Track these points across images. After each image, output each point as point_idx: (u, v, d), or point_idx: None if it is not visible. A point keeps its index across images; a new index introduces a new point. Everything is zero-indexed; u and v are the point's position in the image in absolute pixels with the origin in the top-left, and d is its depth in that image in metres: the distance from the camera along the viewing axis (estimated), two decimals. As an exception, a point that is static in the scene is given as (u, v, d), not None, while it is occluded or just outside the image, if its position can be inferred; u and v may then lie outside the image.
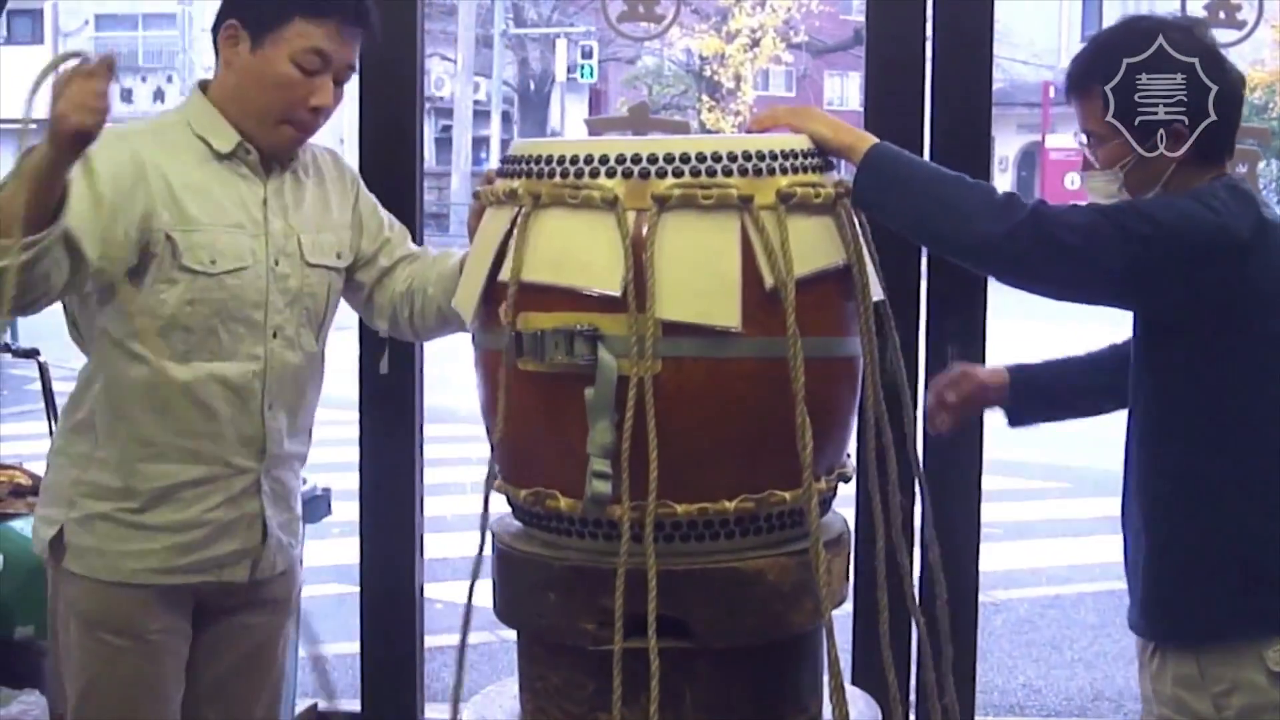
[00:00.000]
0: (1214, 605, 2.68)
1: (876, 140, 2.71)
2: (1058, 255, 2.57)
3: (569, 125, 31.12)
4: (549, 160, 2.66)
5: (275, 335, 2.97)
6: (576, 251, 2.60)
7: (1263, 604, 2.66)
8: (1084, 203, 2.72)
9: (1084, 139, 2.78)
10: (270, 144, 2.97)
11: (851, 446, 2.91)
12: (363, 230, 3.20)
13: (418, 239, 4.35)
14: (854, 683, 3.01)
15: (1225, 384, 2.65)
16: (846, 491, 2.90)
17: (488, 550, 2.85)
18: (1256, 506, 2.67)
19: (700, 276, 2.57)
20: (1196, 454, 2.68)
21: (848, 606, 3.29)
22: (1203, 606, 2.69)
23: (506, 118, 32.16)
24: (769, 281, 2.57)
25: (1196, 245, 2.58)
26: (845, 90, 32.52)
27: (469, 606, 2.85)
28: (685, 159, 2.60)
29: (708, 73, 28.42)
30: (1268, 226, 2.64)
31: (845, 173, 2.82)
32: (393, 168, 4.33)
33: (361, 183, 3.25)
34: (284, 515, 3.09)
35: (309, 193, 3.07)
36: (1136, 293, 2.65)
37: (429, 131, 32.02)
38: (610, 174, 2.60)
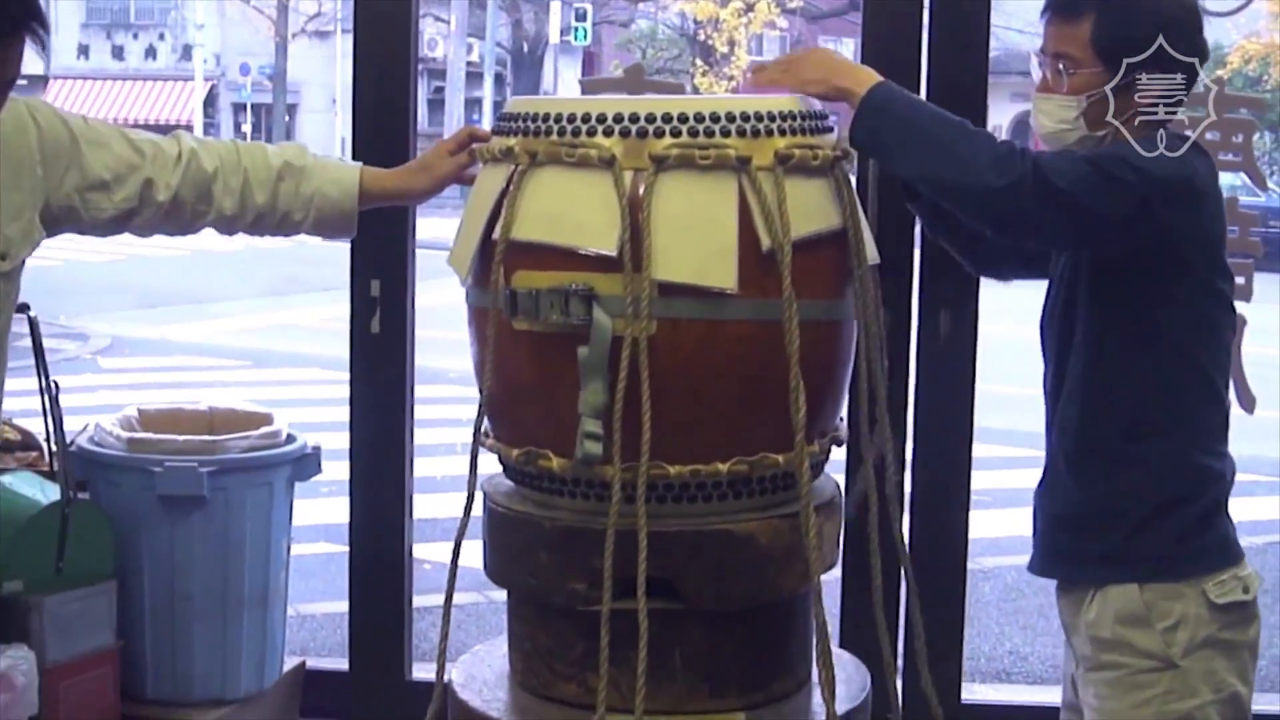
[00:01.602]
0: (1159, 542, 2.71)
1: (877, 80, 2.68)
2: (1057, 208, 2.57)
3: (562, 88, 31.01)
4: (546, 118, 2.65)
5: None
6: (572, 210, 2.59)
7: (1205, 540, 2.73)
8: (1046, 148, 2.77)
9: (1045, 60, 2.75)
10: None
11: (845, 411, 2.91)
12: (105, 187, 2.75)
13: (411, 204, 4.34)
14: (843, 646, 3.02)
15: (1172, 326, 2.69)
16: (839, 455, 2.90)
17: (476, 510, 2.84)
18: (1198, 445, 2.73)
19: (697, 237, 2.56)
20: (1142, 397, 2.71)
21: (837, 571, 3.29)
22: (1148, 544, 2.72)
23: (499, 79, 32.05)
24: (766, 243, 2.56)
25: (1170, 191, 2.60)
26: (841, 56, 32.43)
27: (455, 560, 2.84)
28: (683, 119, 2.58)
29: (701, 37, 28.31)
30: (1215, 173, 2.75)
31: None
32: (386, 129, 4.30)
33: (60, 120, 2.72)
34: None
35: None
36: (1118, 239, 2.64)
37: (421, 92, 31.93)
38: (608, 133, 2.59)
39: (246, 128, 35.59)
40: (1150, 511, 2.72)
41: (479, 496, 2.86)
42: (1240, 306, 3.18)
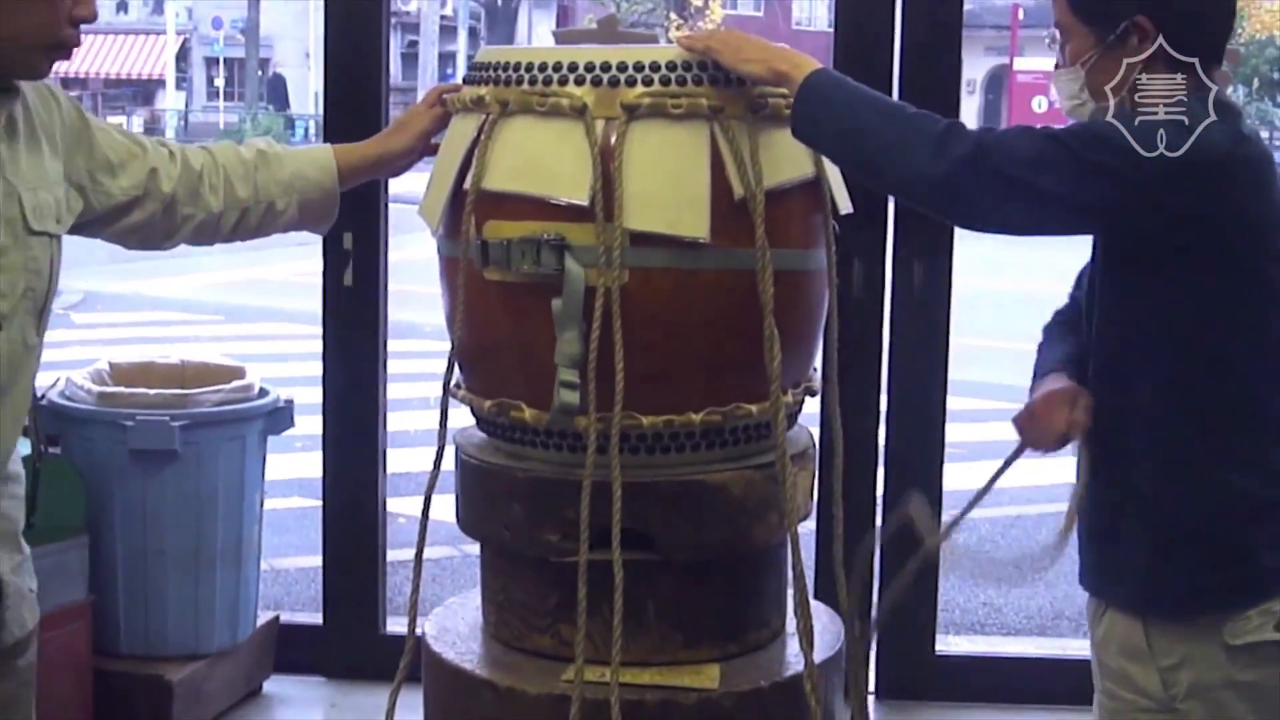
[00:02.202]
0: (1172, 574, 2.42)
1: (815, 67, 2.50)
2: (1005, 192, 2.32)
3: (536, 41, 30.92)
4: (517, 67, 2.62)
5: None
6: (544, 160, 2.57)
7: (1228, 575, 2.40)
8: (1039, 125, 2.57)
9: (1056, 34, 2.54)
10: (26, 73, 2.39)
11: (819, 361, 2.90)
12: (111, 170, 2.59)
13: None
14: (817, 597, 3.02)
15: (1201, 324, 2.36)
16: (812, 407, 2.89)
17: (450, 463, 2.83)
18: (1229, 465, 2.39)
19: (669, 187, 2.54)
20: (1167, 402, 2.40)
21: (811, 523, 3.29)
22: (1157, 577, 2.43)
23: (473, 33, 31.93)
24: (738, 192, 2.55)
25: (1165, 166, 2.26)
26: (814, 10, 32.35)
27: (425, 513, 2.83)
28: (655, 68, 2.56)
29: (676, -10, 28.23)
30: (1250, 141, 2.34)
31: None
32: (358, 83, 4.30)
33: (70, 99, 2.57)
34: (15, 557, 2.50)
35: (23, 140, 2.42)
36: (1100, 225, 2.40)
37: (395, 47, 31.79)
38: (579, 82, 2.57)
39: (219, 82, 35.41)
40: (1162, 539, 2.42)
41: (451, 449, 2.84)
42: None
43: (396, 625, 4.49)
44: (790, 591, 2.72)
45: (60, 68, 2.51)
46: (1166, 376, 2.39)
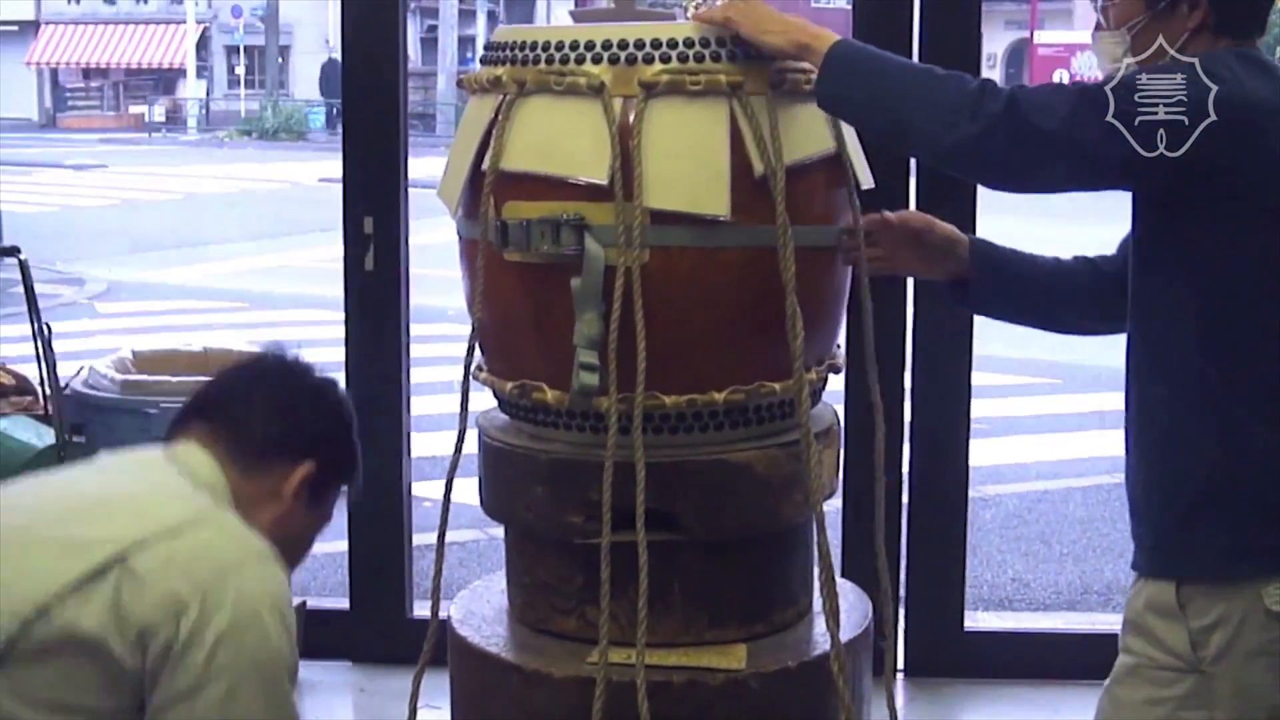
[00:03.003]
0: (1208, 535, 2.38)
1: (837, 38, 2.49)
2: (1040, 148, 2.32)
3: (556, 23, 30.90)
4: (534, 46, 2.61)
5: None
6: (562, 139, 2.56)
7: (1270, 538, 2.36)
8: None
9: None
10: None
11: (842, 338, 2.88)
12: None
13: (402, 139, 4.32)
14: (844, 575, 3.01)
15: (1232, 278, 2.33)
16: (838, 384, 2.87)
17: (474, 446, 2.82)
18: (1267, 421, 2.35)
19: (689, 164, 2.52)
20: (1196, 363, 2.36)
21: (836, 500, 3.27)
22: (1195, 536, 2.39)
23: (492, 16, 31.90)
24: (758, 169, 2.53)
25: (1195, 119, 2.25)
26: (834, -13, 32.24)
27: (447, 496, 2.81)
28: (673, 45, 2.54)
29: (695, -30, 28.19)
30: None
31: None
32: (376, 69, 4.29)
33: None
34: None
35: None
36: (1134, 178, 2.35)
37: (414, 32, 31.82)
38: (596, 60, 2.55)
39: (240, 70, 35.48)
40: (1201, 498, 2.38)
41: (475, 432, 2.83)
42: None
43: (423, 609, 4.49)
44: (816, 570, 2.71)
45: (82, 59, 2.45)
46: (1201, 337, 2.36)
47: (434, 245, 4.99)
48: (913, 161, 3.91)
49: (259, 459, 2.27)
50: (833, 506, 2.84)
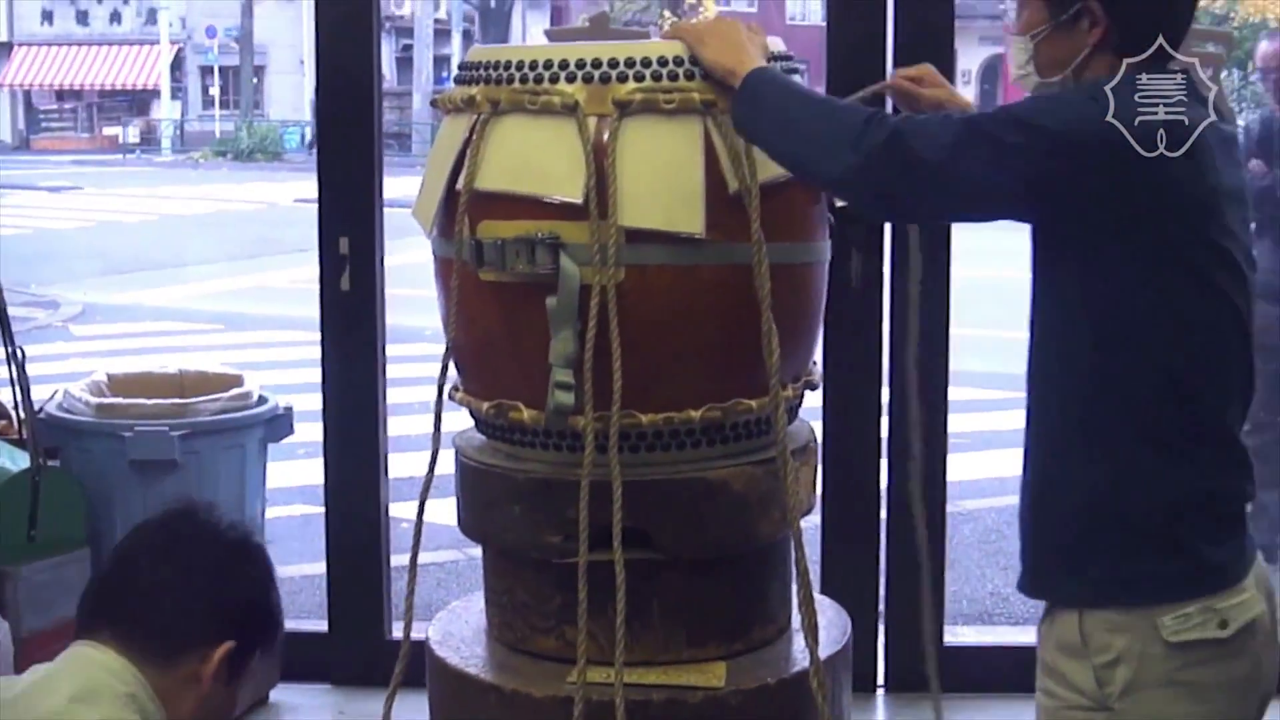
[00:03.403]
0: (1101, 565, 2.32)
1: (757, 65, 2.50)
2: (923, 180, 2.28)
3: (531, 42, 30.92)
4: (508, 66, 2.61)
5: None
6: (537, 158, 2.56)
7: (1161, 565, 2.29)
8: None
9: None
10: None
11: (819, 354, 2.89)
12: None
13: (377, 159, 4.32)
14: (823, 592, 3.01)
15: (1119, 309, 2.27)
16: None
17: (450, 467, 2.82)
18: (1158, 453, 2.29)
19: (663, 182, 2.53)
20: (1086, 391, 2.31)
21: (815, 517, 3.28)
22: (1088, 566, 2.33)
23: (468, 35, 31.91)
24: (733, 186, 2.53)
25: (1081, 149, 2.20)
26: (808, 4, 32.34)
27: (420, 516, 2.80)
28: (646, 63, 2.55)
29: (669, -12, 28.25)
30: (1178, 127, 2.22)
31: (811, 82, 2.77)
32: (351, 88, 4.28)
33: None
34: None
35: None
36: (1020, 210, 2.31)
37: (390, 51, 31.81)
38: (570, 79, 2.56)
39: (214, 91, 35.43)
40: (1091, 527, 2.32)
41: (452, 452, 2.83)
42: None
43: (402, 630, 4.48)
44: (795, 587, 2.71)
45: (56, 80, 2.43)
46: (1092, 365, 2.30)
47: (410, 265, 4.98)
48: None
49: (174, 653, 2.16)
50: (811, 523, 2.84)
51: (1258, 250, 2.60)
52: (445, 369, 2.77)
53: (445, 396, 2.79)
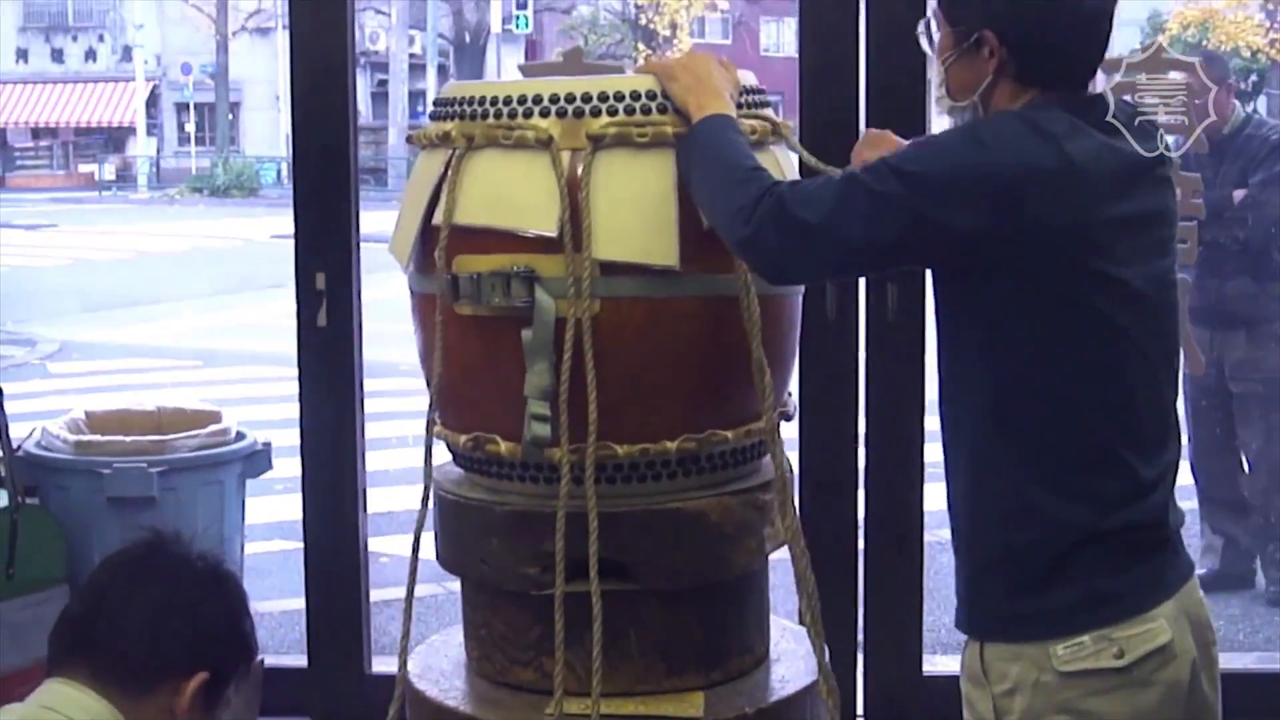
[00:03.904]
0: (994, 597, 2.34)
1: (711, 112, 2.50)
2: (806, 242, 2.27)
3: (506, 77, 30.95)
4: (482, 101, 2.63)
5: None
6: (511, 193, 2.58)
7: (1051, 597, 2.28)
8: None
9: (931, 21, 2.43)
10: None
11: (794, 385, 2.90)
12: None
13: (353, 194, 4.32)
14: (801, 622, 3.01)
15: (1006, 342, 2.27)
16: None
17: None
18: (1044, 485, 2.28)
19: (637, 215, 2.55)
20: (985, 426, 2.31)
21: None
22: (984, 597, 2.36)
23: (443, 70, 31.95)
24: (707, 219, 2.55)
25: (955, 190, 2.20)
26: (781, 36, 32.45)
27: (415, 553, 2.82)
28: (619, 98, 2.57)
29: (643, 21, 28.31)
30: (1062, 161, 2.21)
31: (785, 113, 2.79)
32: (326, 123, 4.28)
33: None
34: None
35: None
36: (908, 257, 2.35)
37: (365, 86, 31.82)
38: (544, 114, 2.58)
39: (190, 127, 35.40)
40: (986, 560, 2.35)
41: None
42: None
43: (382, 665, 4.48)
44: (772, 617, 2.72)
45: (31, 118, 2.43)
46: (984, 401, 2.31)
47: (386, 300, 4.99)
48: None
49: (147, 686, 2.16)
50: (785, 555, 2.84)
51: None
52: (434, 405, 2.78)
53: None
